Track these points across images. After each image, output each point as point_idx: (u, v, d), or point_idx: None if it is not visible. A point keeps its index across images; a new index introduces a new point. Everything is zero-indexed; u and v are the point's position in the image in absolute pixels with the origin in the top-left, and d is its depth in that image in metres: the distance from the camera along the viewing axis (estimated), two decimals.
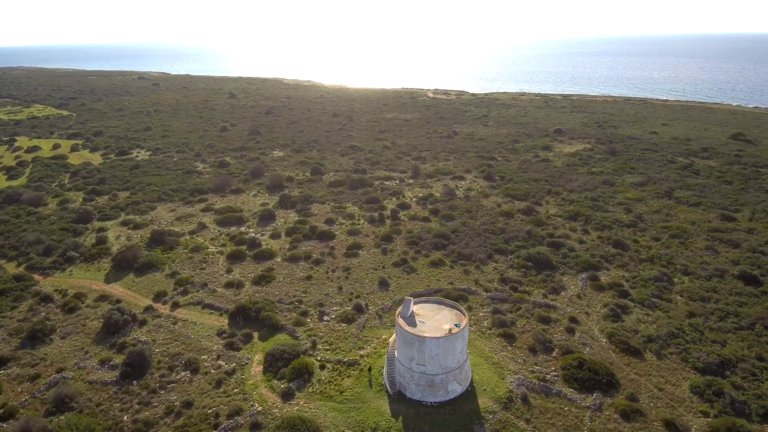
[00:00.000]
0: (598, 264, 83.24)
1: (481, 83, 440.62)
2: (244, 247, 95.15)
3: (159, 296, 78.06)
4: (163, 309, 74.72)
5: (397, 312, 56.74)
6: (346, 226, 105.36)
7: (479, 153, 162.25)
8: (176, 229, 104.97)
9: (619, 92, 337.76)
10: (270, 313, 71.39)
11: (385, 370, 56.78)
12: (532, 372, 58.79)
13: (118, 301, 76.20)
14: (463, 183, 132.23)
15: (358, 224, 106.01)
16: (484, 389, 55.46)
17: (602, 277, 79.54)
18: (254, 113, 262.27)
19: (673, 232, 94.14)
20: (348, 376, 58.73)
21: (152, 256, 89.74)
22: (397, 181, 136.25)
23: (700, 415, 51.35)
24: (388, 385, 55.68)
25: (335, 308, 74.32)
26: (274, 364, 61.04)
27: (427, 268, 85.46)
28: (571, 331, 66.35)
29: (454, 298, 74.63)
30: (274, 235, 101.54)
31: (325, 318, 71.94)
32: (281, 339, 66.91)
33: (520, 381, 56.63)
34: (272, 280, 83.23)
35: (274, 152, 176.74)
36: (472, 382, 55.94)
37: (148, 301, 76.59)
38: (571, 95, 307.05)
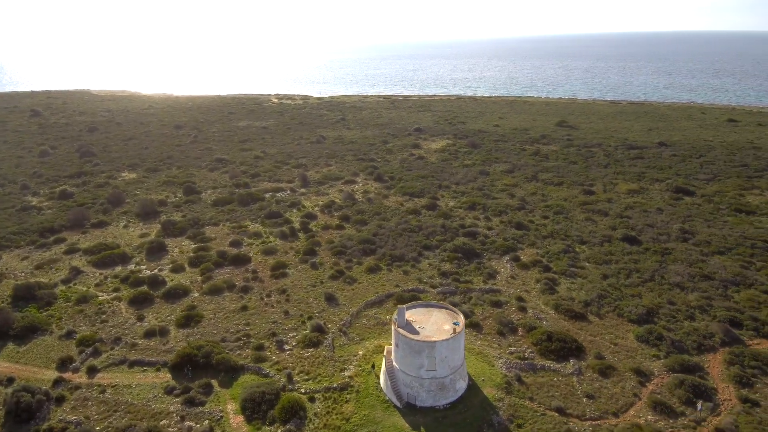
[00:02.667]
0: (513, 246, 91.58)
1: (317, 87, 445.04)
2: (145, 288, 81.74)
3: (64, 364, 62.73)
4: (79, 378, 60.31)
5: (393, 323, 54.99)
6: (258, 245, 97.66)
7: (357, 155, 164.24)
8: (44, 280, 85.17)
9: (446, 92, 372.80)
10: (224, 355, 62.88)
11: (388, 384, 54.61)
12: (511, 354, 62.49)
13: (10, 379, 59.10)
14: (356, 186, 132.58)
15: (270, 242, 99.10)
16: (483, 380, 57.20)
17: (522, 257, 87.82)
18: (74, 132, 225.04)
19: (556, 210, 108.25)
20: (345, 401, 55.03)
21: (30, 318, 71.53)
22: (289, 192, 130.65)
23: (653, 358, 60.56)
24: (394, 398, 53.75)
25: (292, 335, 68.69)
26: (256, 409, 54.08)
27: (365, 275, 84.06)
28: (523, 309, 72.08)
29: (407, 299, 75.03)
30: (176, 269, 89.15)
31: (286, 347, 66.05)
32: (248, 380, 59.49)
33: (508, 365, 59.74)
34: (201, 319, 73.18)
35: (123, 174, 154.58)
36: (469, 375, 57.19)
37: (52, 373, 60.99)
38: (410, 96, 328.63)
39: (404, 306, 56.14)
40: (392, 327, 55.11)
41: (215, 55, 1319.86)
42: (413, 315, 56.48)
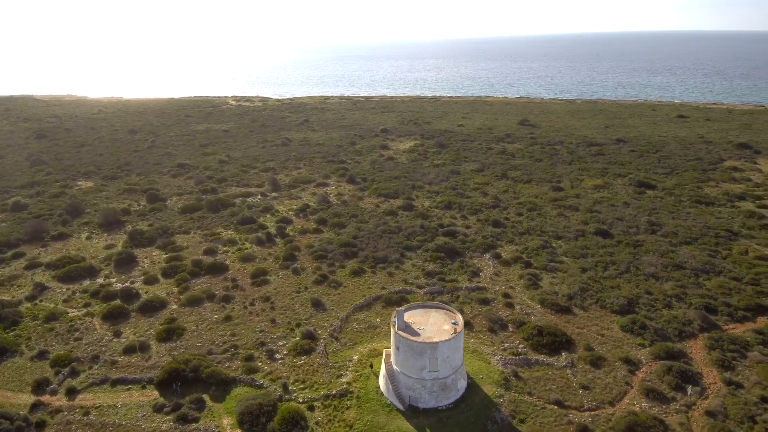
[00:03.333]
0: (492, 243, 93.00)
1: (274, 88, 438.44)
2: (118, 302, 77.88)
3: (41, 386, 58.81)
4: (58, 401, 56.64)
5: (392, 326, 54.55)
6: (234, 253, 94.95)
7: (326, 158, 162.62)
8: (6, 298, 79.66)
9: (405, 92, 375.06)
10: (213, 368, 60.64)
11: (389, 388, 54.13)
12: (505, 350, 63.34)
13: None
14: (329, 189, 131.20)
15: (247, 249, 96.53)
16: (481, 377, 57.67)
17: (503, 254, 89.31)
18: (20, 139, 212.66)
19: (529, 206, 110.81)
20: (347, 408, 54.18)
21: None
22: (260, 197, 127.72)
23: (639, 347, 62.85)
24: (397, 402, 53.36)
25: (281, 343, 67.08)
26: (254, 422, 52.36)
27: (350, 278, 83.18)
28: (510, 305, 73.27)
29: (395, 301, 74.90)
30: (150, 281, 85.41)
31: (277, 356, 64.40)
32: (242, 393, 57.59)
33: (504, 361, 60.50)
34: (183, 332, 70.36)
35: (80, 183, 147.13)
36: (468, 374, 57.52)
37: (28, 397, 57.00)
38: (372, 97, 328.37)
39: (402, 308, 55.82)
40: (391, 330, 54.69)
41: (164, 57, 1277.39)
42: (411, 317, 56.25)
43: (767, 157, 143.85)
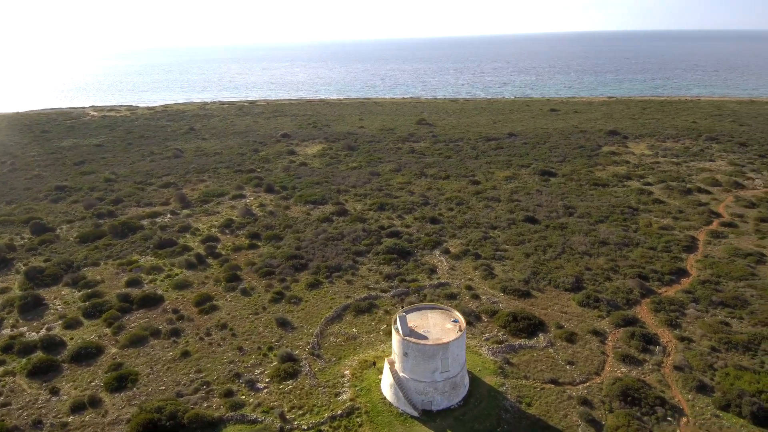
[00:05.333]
0: (437, 240, 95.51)
1: (129, 96, 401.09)
2: (42, 354, 65.78)
3: None
4: None
5: (396, 333, 53.37)
6: (164, 281, 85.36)
7: (231, 167, 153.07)
8: None
9: (286, 95, 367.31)
10: (195, 411, 54.01)
11: (400, 396, 52.89)
12: (487, 340, 65.62)
13: None
14: (249, 200, 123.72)
15: (178, 274, 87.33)
16: (479, 370, 59.11)
17: (451, 249, 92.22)
18: None
19: (456, 201, 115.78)
20: (359, 425, 51.90)
21: None
22: (170, 216, 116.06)
23: (599, 318, 69.32)
24: (409, 409, 52.44)
25: (259, 371, 61.98)
26: None
27: (308, 292, 79.54)
28: (476, 297, 75.99)
29: (365, 309, 73.65)
30: (71, 324, 73.42)
31: (260, 385, 59.37)
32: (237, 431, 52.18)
33: (493, 351, 62.66)
34: (137, 377, 61.59)
35: None
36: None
37: None
38: (256, 101, 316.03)
39: (403, 314, 54.87)
40: (395, 337, 53.57)
41: None
42: (411, 321, 55.47)
43: (634, 141, 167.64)
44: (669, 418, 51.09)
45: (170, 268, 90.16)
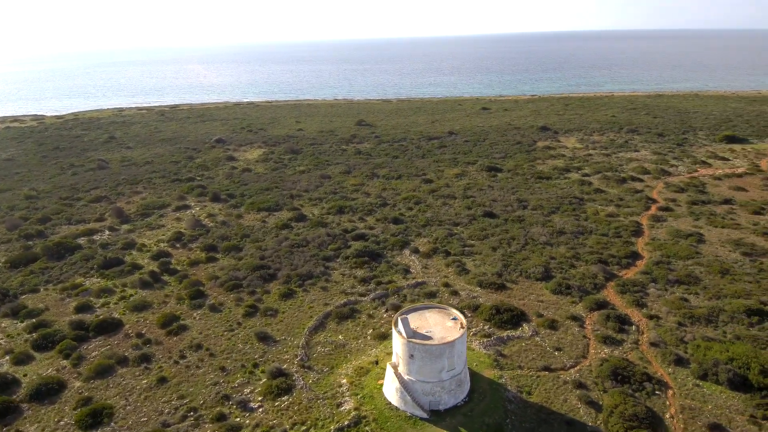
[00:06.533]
0: (404, 240, 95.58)
1: (31, 104, 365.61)
2: None
3: None
4: None
5: (399, 335, 52.50)
6: (118, 303, 78.29)
7: (167, 177, 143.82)
8: None
9: (206, 99, 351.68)
10: None
11: (407, 399, 52.12)
12: (475, 334, 66.58)
13: None
14: (195, 211, 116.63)
15: (133, 295, 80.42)
16: (476, 364, 59.74)
17: (419, 248, 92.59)
18: None
19: (414, 200, 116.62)
20: None
21: None
22: (108, 232, 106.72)
23: (573, 304, 72.69)
24: (418, 411, 51.87)
25: (249, 390, 58.51)
26: None
27: (283, 302, 76.39)
28: (455, 293, 76.86)
29: (346, 315, 72.13)
30: (20, 360, 65.37)
31: (253, 405, 56.07)
32: None
33: (484, 345, 63.64)
34: (112, 410, 55.92)
35: None
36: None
37: None
38: (179, 105, 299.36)
39: (406, 316, 54.13)
40: (399, 340, 52.75)
41: None
42: (411, 322, 54.96)
43: (564, 135, 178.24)
44: (657, 392, 54.59)
45: (122, 289, 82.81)
